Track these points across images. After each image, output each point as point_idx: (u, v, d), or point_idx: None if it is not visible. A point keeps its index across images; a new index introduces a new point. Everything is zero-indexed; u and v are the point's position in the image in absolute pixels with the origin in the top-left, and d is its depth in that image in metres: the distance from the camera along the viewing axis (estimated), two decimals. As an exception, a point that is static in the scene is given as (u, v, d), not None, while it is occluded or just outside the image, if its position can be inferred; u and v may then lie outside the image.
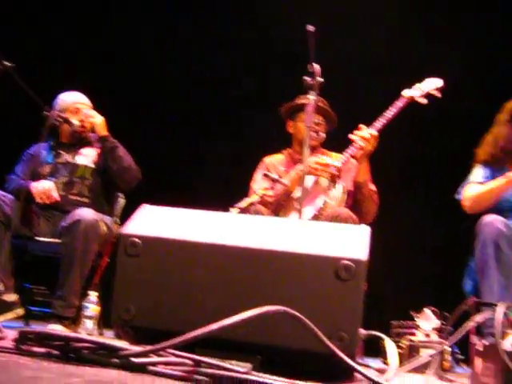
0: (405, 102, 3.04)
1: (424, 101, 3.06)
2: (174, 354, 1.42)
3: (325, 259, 1.61)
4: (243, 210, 2.70)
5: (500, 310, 1.61)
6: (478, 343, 1.73)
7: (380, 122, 2.99)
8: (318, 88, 2.65)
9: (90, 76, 4.49)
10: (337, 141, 3.29)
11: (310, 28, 2.51)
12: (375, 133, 2.96)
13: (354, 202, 3.11)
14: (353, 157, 3.04)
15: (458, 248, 3.23)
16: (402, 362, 2.10)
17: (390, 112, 3.00)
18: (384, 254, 4.40)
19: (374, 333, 1.82)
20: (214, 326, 1.39)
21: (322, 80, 2.61)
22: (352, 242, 1.66)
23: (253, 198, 2.80)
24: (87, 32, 5.03)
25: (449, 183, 3.25)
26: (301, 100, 3.20)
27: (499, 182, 2.91)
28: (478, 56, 4.67)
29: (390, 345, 1.77)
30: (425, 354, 2.02)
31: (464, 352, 2.88)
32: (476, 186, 3.01)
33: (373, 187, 3.12)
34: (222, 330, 1.41)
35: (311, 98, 2.62)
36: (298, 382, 1.35)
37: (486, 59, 4.62)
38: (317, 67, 2.63)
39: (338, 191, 3.04)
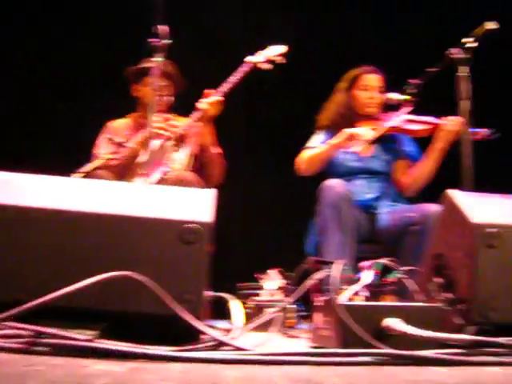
0: (247, 68, 3.13)
1: (267, 66, 3.17)
2: (10, 327, 1.35)
3: (168, 222, 1.59)
4: (86, 175, 2.61)
5: (336, 268, 1.70)
6: (318, 299, 1.83)
7: (224, 87, 3.06)
8: (164, 50, 2.59)
9: None
10: (186, 105, 3.27)
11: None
12: (220, 98, 3.01)
13: (200, 165, 3.13)
14: (199, 121, 3.07)
15: (300, 210, 3.38)
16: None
17: (234, 77, 3.08)
18: (230, 217, 4.49)
19: (219, 294, 1.85)
20: (53, 295, 1.34)
21: (169, 42, 2.56)
22: (196, 205, 1.66)
23: (96, 163, 2.72)
24: None
25: (293, 148, 3.36)
26: (146, 63, 3.14)
27: (328, 144, 3.09)
28: (323, 24, 4.83)
29: (234, 305, 1.80)
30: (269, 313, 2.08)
31: (308, 309, 3.04)
32: (310, 150, 3.18)
33: (217, 150, 3.16)
34: (66, 298, 1.36)
35: (157, 60, 2.56)
36: (143, 346, 1.34)
37: (331, 28, 4.79)
38: (164, 29, 2.57)
39: (184, 155, 3.05)
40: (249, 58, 3.17)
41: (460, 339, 1.50)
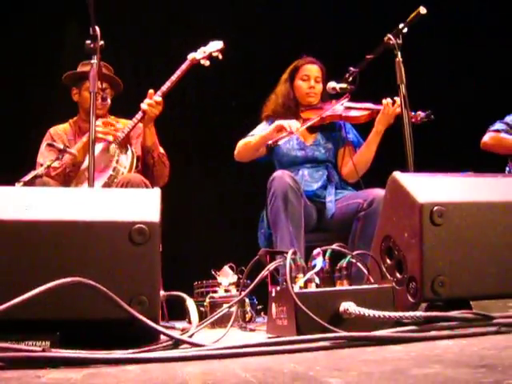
0: (188, 65, 3.16)
1: (207, 62, 3.19)
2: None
3: (117, 224, 1.57)
4: (28, 184, 2.55)
5: (289, 257, 1.72)
6: (272, 290, 1.84)
7: (165, 86, 3.06)
8: (100, 52, 2.55)
9: None
10: (126, 106, 3.25)
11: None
12: (159, 99, 3.00)
13: (145, 166, 3.11)
14: (141, 122, 3.05)
15: (252, 203, 3.40)
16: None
17: (175, 75, 3.10)
18: (183, 215, 4.48)
19: (173, 293, 1.84)
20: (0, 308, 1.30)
21: (102, 43, 2.52)
22: (143, 206, 1.64)
23: (38, 171, 2.66)
24: None
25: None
26: (84, 67, 3.12)
27: (254, 138, 3.17)
28: (265, 16, 4.87)
29: (190, 303, 1.80)
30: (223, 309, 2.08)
31: (264, 302, 3.06)
32: (248, 137, 3.23)
33: (161, 150, 3.15)
34: (15, 310, 1.33)
35: (94, 62, 2.52)
36: (99, 351, 1.32)
37: (272, 20, 4.82)
38: (98, 30, 2.53)
39: (128, 157, 3.02)
40: (190, 55, 3.19)
41: (413, 316, 1.53)
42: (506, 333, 1.49)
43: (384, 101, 3.08)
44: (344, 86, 3.12)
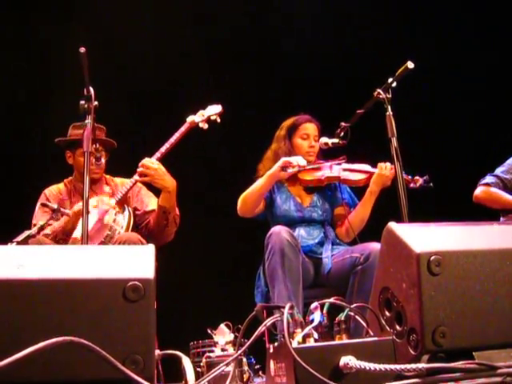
0: (187, 127, 3.21)
1: (205, 126, 3.24)
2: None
3: (111, 282, 1.55)
4: (21, 244, 2.53)
5: (286, 312, 1.68)
6: (270, 346, 1.79)
7: (164, 148, 3.09)
8: (94, 112, 2.58)
9: None
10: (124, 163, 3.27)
11: (82, 49, 2.45)
12: (152, 165, 2.99)
13: (157, 225, 3.09)
14: (140, 182, 3.08)
15: (248, 262, 3.37)
16: (202, 380, 2.10)
17: (174, 137, 3.14)
18: (180, 273, 4.44)
19: (169, 352, 1.79)
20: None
21: (96, 103, 2.55)
22: (138, 263, 1.62)
23: (31, 231, 2.65)
24: None
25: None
26: (75, 130, 3.17)
27: (258, 181, 3.16)
28: (254, 76, 4.96)
29: (186, 362, 1.75)
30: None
31: (262, 362, 2.99)
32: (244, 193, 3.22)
33: (177, 211, 3.15)
34: (5, 372, 1.29)
35: (88, 122, 2.54)
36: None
37: (262, 79, 4.91)
38: (92, 91, 2.56)
39: (125, 217, 3.02)
40: (190, 118, 3.24)
41: (415, 369, 1.49)
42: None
43: (380, 164, 3.11)
44: (336, 141, 3.15)
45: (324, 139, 3.22)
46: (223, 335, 2.98)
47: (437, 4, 5.07)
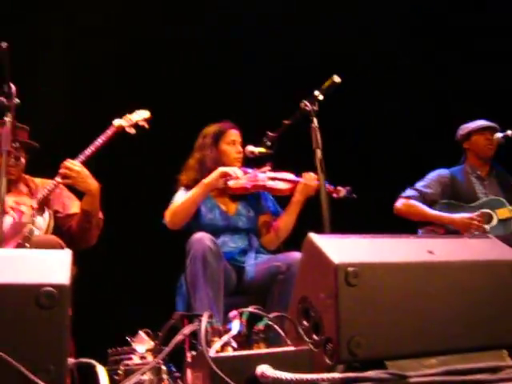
0: (113, 131, 3.13)
1: (132, 130, 3.18)
2: None
3: (23, 287, 1.49)
4: None
5: (204, 320, 1.68)
6: (188, 355, 1.78)
7: (88, 151, 3.01)
8: (14, 110, 2.49)
9: None
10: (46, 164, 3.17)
11: (3, 45, 2.36)
12: (75, 167, 2.92)
13: (79, 228, 3.00)
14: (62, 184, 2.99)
15: (169, 268, 3.33)
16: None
17: (99, 141, 3.06)
18: (103, 280, 4.35)
19: (82, 360, 1.75)
20: None
21: (17, 101, 2.46)
22: (52, 268, 1.57)
23: None
24: None
25: (157, 206, 3.33)
26: None
27: (192, 191, 3.12)
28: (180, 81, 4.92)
29: (99, 370, 1.71)
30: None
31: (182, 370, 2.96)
32: (175, 203, 3.17)
33: (100, 215, 3.07)
34: None
35: (7, 120, 2.45)
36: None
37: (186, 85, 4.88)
38: (13, 88, 2.47)
39: (45, 219, 2.92)
40: (115, 122, 3.17)
41: (329, 378, 1.52)
42: (420, 392, 1.50)
43: (305, 174, 3.16)
44: (262, 150, 3.17)
45: (250, 148, 3.23)
46: (142, 343, 2.93)
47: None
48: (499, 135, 3.65)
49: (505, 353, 1.99)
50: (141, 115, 3.24)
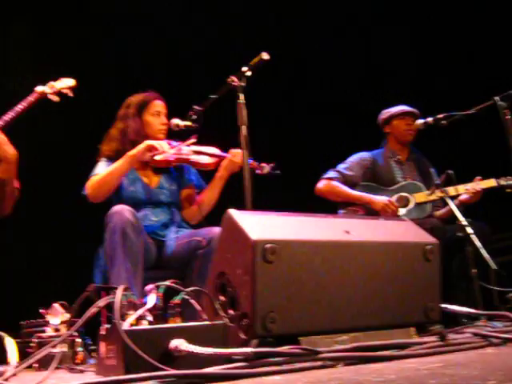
0: (35, 97, 3.04)
1: (55, 98, 3.09)
2: None
3: None
4: None
5: (119, 293, 1.65)
6: (101, 328, 1.76)
7: (8, 116, 2.90)
8: None
9: None
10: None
11: None
12: None
13: None
14: None
15: (88, 239, 3.26)
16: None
17: (20, 106, 2.95)
18: (17, 252, 4.22)
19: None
20: None
21: None
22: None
23: None
24: None
25: (78, 175, 3.24)
26: None
27: (117, 163, 3.05)
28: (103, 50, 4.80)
29: (7, 342, 1.66)
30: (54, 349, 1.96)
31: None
32: (98, 175, 3.09)
33: (16, 184, 2.95)
34: None
35: None
36: None
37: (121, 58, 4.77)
38: None
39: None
40: (39, 88, 3.08)
41: (242, 353, 1.53)
42: (330, 367, 1.54)
43: (232, 150, 3.14)
44: (188, 123, 3.13)
45: (176, 120, 3.17)
46: (56, 315, 2.87)
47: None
48: (420, 121, 3.75)
49: (413, 330, 2.08)
50: (65, 83, 3.16)
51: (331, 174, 3.90)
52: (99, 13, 4.80)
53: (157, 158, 3.09)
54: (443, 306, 2.23)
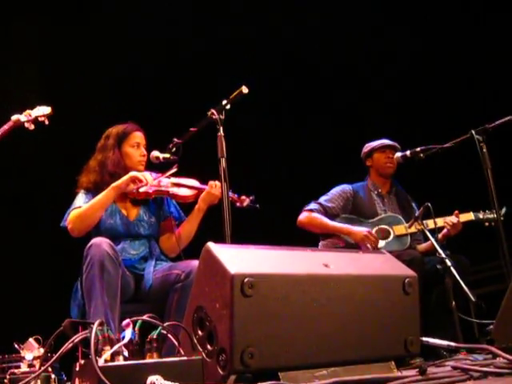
0: (10, 126, 3.07)
1: (31, 126, 3.09)
2: None
3: None
4: None
5: (95, 328, 1.62)
6: (76, 364, 1.72)
7: None
8: None
9: None
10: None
11: None
12: None
13: None
14: None
15: (66, 274, 3.21)
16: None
17: None
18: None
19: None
20: None
21: None
22: None
23: None
24: None
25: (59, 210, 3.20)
26: None
27: (101, 195, 3.03)
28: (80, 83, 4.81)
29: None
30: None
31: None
32: (79, 208, 3.05)
33: None
34: None
35: None
36: None
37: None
38: None
39: None
40: (15, 116, 3.11)
41: (220, 389, 1.51)
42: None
43: (211, 182, 3.14)
44: (167, 155, 3.13)
45: (155, 153, 3.17)
46: (31, 350, 2.81)
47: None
48: (398, 154, 3.78)
49: (393, 364, 2.06)
50: (41, 111, 3.17)
51: (312, 205, 3.92)
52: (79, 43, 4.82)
53: (141, 190, 3.07)
54: (424, 339, 2.23)
